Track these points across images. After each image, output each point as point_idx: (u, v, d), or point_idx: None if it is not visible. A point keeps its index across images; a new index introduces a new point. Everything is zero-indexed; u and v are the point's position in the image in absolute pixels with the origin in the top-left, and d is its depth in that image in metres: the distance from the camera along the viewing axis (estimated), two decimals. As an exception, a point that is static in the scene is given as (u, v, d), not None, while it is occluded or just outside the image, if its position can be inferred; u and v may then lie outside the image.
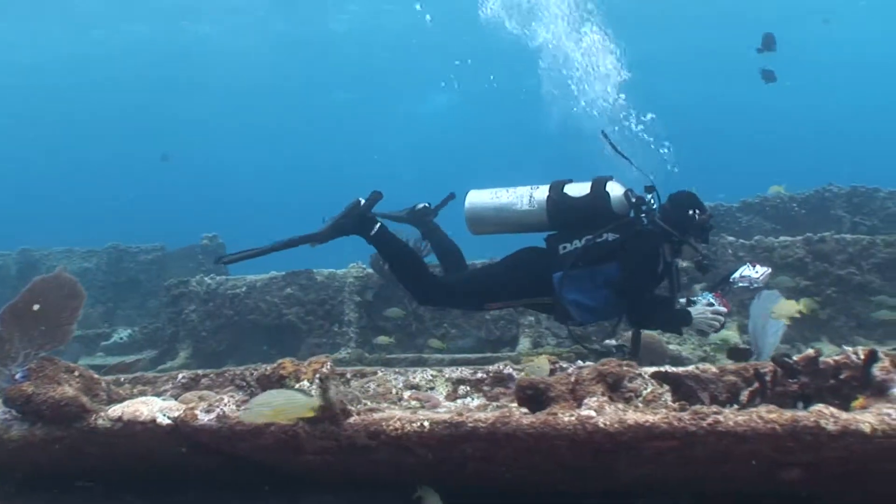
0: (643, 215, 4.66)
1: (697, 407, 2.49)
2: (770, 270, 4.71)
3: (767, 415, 2.41)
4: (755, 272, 4.65)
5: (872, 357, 2.64)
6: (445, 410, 3.22)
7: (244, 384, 3.72)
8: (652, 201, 4.70)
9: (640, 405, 2.69)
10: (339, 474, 3.06)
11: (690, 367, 3.20)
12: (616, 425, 2.48)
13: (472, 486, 3.04)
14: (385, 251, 5.12)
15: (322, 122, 46.57)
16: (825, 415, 2.38)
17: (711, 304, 4.56)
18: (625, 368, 2.90)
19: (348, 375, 3.60)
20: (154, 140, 41.79)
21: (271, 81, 38.91)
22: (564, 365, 3.45)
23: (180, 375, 3.92)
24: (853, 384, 2.72)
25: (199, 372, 3.94)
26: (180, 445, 2.98)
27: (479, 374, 3.58)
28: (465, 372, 3.61)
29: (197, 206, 48.65)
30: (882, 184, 10.58)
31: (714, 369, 3.17)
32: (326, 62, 36.64)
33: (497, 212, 4.88)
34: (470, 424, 2.60)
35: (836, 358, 2.86)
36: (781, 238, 8.40)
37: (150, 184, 50.56)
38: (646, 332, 6.22)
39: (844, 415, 2.39)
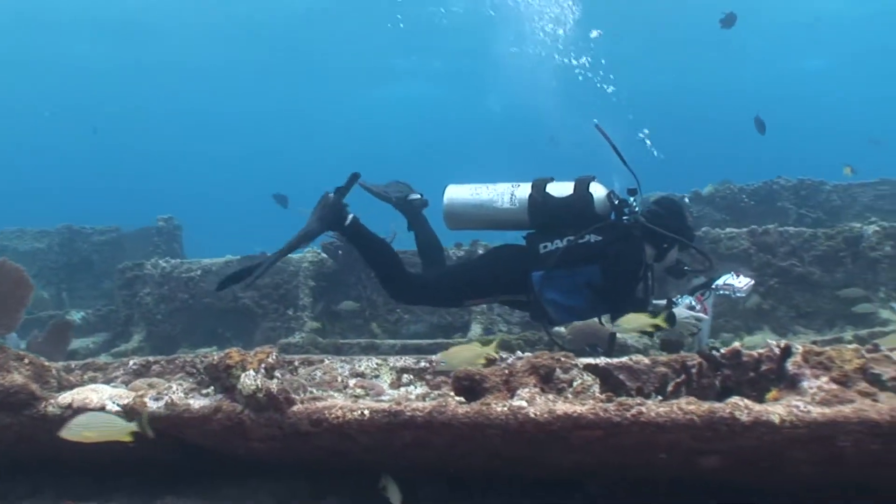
0: (625, 218, 4.70)
1: (623, 399, 2.63)
2: (753, 282, 4.74)
3: (687, 406, 2.57)
4: (738, 282, 4.67)
5: (787, 352, 2.80)
6: (388, 398, 3.35)
7: (194, 371, 3.81)
8: (634, 204, 4.74)
9: (570, 396, 2.82)
10: (284, 460, 3.17)
11: (624, 359, 3.33)
12: (546, 415, 2.61)
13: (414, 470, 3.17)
14: (358, 244, 5.05)
15: (281, 104, 46.10)
16: (740, 406, 2.54)
17: (692, 308, 4.63)
18: (557, 360, 3.04)
19: (296, 363, 3.70)
20: (111, 121, 41.23)
21: (226, 63, 38.44)
22: (504, 356, 3.57)
23: (131, 362, 3.99)
24: (770, 377, 2.89)
25: (151, 358, 4.02)
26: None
27: (423, 364, 3.70)
28: (408, 361, 3.72)
29: (152, 187, 48.04)
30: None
31: (646, 361, 3.32)
32: (284, 44, 36.32)
33: (477, 209, 4.86)
34: (408, 413, 2.72)
35: (760, 351, 3.02)
36: (728, 229, 8.63)
37: (104, 163, 49.82)
38: (590, 322, 6.34)
39: (757, 406, 2.55)
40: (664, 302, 4.78)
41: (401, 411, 2.72)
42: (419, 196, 5.46)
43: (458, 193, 4.92)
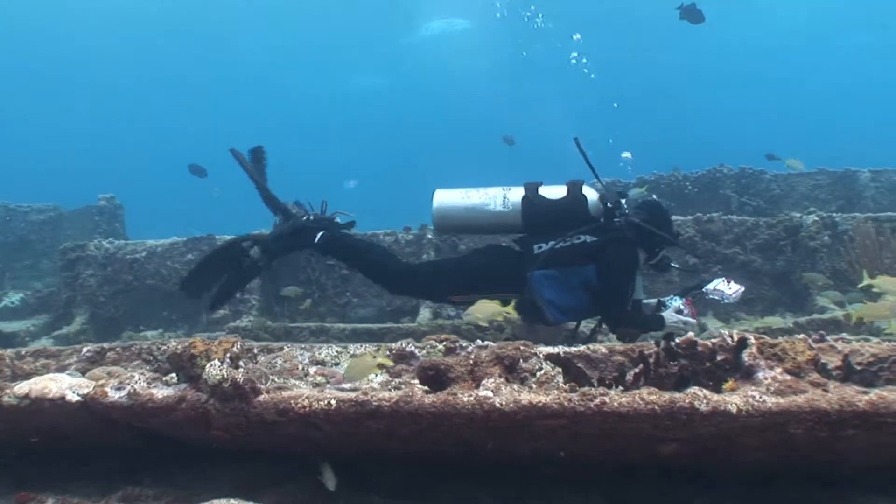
0: (616, 220, 4.76)
1: (586, 389, 2.70)
2: (743, 289, 4.82)
3: (648, 396, 2.64)
4: (729, 288, 4.75)
5: (742, 343, 2.90)
6: (350, 387, 3.37)
7: (151, 358, 3.78)
8: (625, 206, 4.80)
9: (535, 386, 2.88)
10: (247, 448, 3.17)
11: (581, 347, 3.40)
12: (511, 405, 2.67)
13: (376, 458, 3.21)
14: (339, 254, 5.04)
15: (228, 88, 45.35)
16: (699, 397, 2.62)
17: (681, 311, 4.68)
18: (521, 350, 3.09)
19: (255, 351, 3.69)
20: (47, 97, 40.12)
21: (170, 47, 37.74)
22: (464, 344, 3.62)
23: (85, 349, 3.93)
24: (726, 367, 2.98)
25: (105, 345, 3.96)
26: (91, 421, 3.04)
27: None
28: (369, 349, 3.74)
29: (92, 166, 46.78)
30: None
31: (603, 349, 3.38)
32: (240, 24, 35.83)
33: (468, 212, 4.86)
34: (375, 403, 2.75)
35: (714, 341, 3.12)
36: (673, 217, 8.78)
37: (41, 140, 48.43)
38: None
39: (715, 396, 2.64)
40: (654, 301, 4.86)
41: (367, 401, 2.75)
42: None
43: (447, 198, 4.92)
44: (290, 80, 43.66)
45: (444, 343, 3.68)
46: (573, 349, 3.37)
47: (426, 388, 2.90)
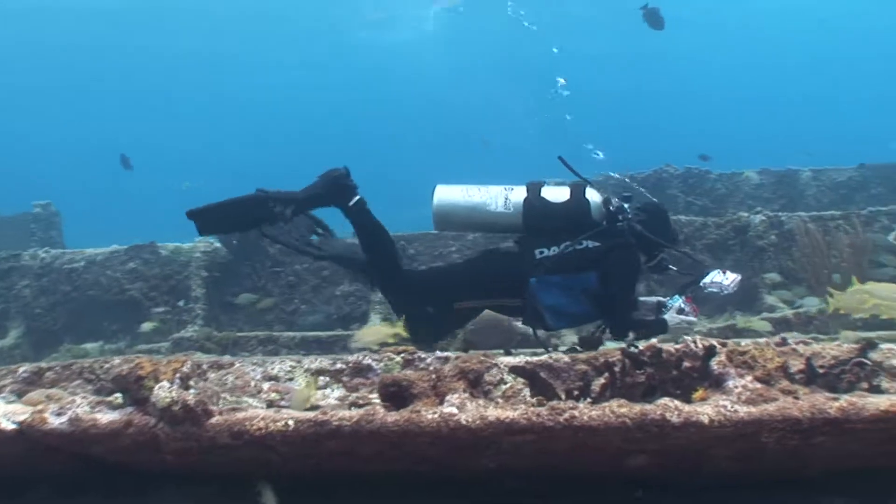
0: (619, 224, 4.65)
1: (555, 403, 2.61)
2: (740, 277, 4.76)
3: (619, 409, 2.57)
4: (726, 279, 4.67)
5: (710, 351, 2.85)
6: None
7: (94, 378, 3.59)
8: (628, 211, 4.70)
9: (501, 400, 2.79)
10: (198, 471, 3.02)
11: (543, 357, 3.31)
12: (478, 422, 2.57)
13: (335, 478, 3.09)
14: (366, 229, 4.80)
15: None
16: (670, 408, 2.56)
17: (682, 310, 4.61)
18: (483, 362, 3.00)
19: (205, 367, 3.52)
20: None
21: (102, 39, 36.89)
22: (423, 356, 3.51)
23: (21, 369, 3.72)
24: (693, 375, 2.93)
25: (43, 364, 3.75)
26: (28, 450, 2.86)
27: (339, 365, 3.59)
28: (324, 362, 3.61)
29: (26, 171, 45.37)
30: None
31: (566, 358, 3.30)
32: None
33: (469, 211, 4.73)
34: (335, 423, 2.63)
35: (678, 347, 3.07)
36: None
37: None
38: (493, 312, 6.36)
39: (687, 407, 2.58)
40: (653, 300, 4.80)
41: (327, 421, 2.62)
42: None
43: (448, 195, 4.77)
44: (223, 78, 42.94)
45: (403, 355, 3.58)
46: (535, 359, 3.29)
47: (388, 405, 2.79)
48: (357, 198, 4.73)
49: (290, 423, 2.64)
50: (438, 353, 3.50)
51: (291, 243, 4.85)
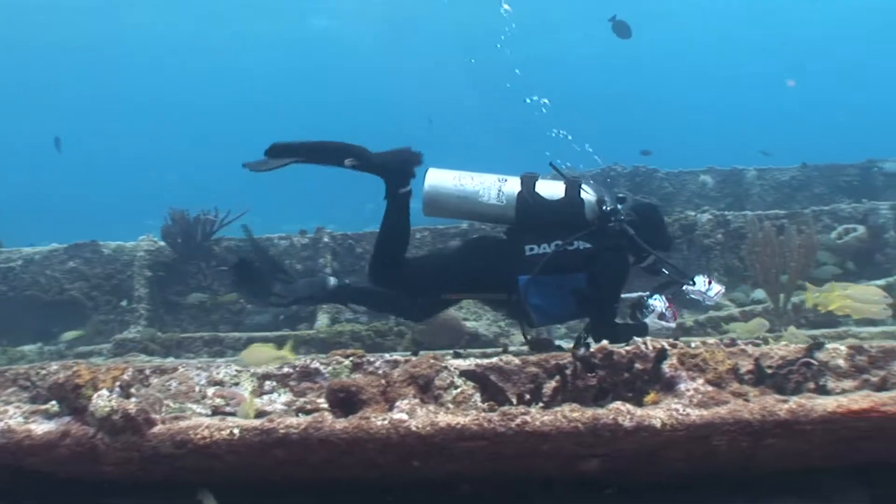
0: (610, 225, 4.62)
1: (506, 408, 2.58)
2: (723, 289, 4.78)
3: (571, 414, 2.55)
4: (711, 290, 4.66)
5: (662, 354, 2.84)
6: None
7: (29, 385, 3.45)
8: (621, 212, 4.66)
9: (451, 406, 2.75)
10: (140, 482, 2.92)
11: (494, 360, 3.28)
12: (428, 428, 2.52)
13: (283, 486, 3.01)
14: (402, 206, 4.74)
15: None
16: (622, 412, 2.55)
17: (663, 315, 4.58)
18: (433, 366, 2.95)
19: (147, 373, 3.41)
20: None
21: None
22: (371, 359, 3.45)
23: (-48, 376, 3.57)
24: (645, 377, 2.92)
25: (-24, 371, 3.61)
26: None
27: (286, 369, 3.51)
28: (270, 367, 3.53)
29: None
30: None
31: (517, 361, 3.27)
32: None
33: (460, 200, 4.66)
34: (282, 431, 2.56)
35: (629, 349, 3.05)
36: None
37: None
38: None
39: (639, 411, 2.57)
40: (635, 296, 4.77)
41: (274, 429, 2.55)
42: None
43: (440, 180, 4.69)
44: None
45: (351, 358, 3.51)
46: (486, 362, 3.26)
47: (336, 411, 2.73)
48: (408, 188, 4.68)
49: (236, 431, 2.56)
50: (387, 357, 3.44)
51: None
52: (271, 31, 37.66)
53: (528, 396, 2.94)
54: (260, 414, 3.02)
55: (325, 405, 2.91)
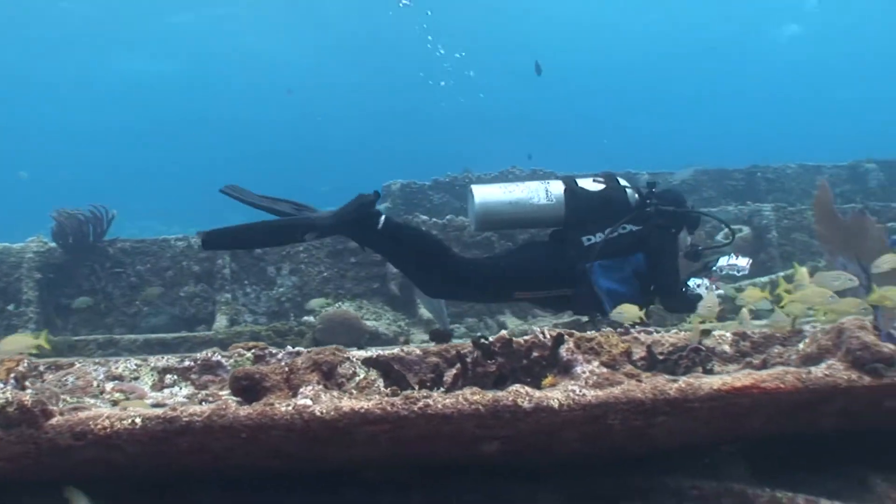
0: (648, 208, 4.90)
1: (409, 392, 2.63)
2: (751, 260, 5.04)
3: (472, 396, 2.61)
4: (741, 261, 4.95)
5: (559, 340, 2.95)
6: (153, 402, 3.13)
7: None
8: (654, 196, 4.97)
9: (355, 392, 2.78)
10: (39, 477, 2.85)
11: (395, 350, 3.34)
12: (332, 413, 2.55)
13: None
14: (406, 240, 4.85)
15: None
16: (522, 394, 2.63)
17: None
18: (336, 355, 2.99)
19: (41, 369, 3.33)
20: None
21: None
22: (274, 350, 3.47)
23: None
24: (543, 363, 3.02)
25: None
26: None
27: (187, 363, 3.48)
28: (171, 360, 3.48)
29: None
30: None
31: (418, 351, 3.34)
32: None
33: (513, 207, 4.80)
34: (185, 419, 2.54)
35: (527, 338, 3.16)
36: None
37: None
38: (341, 310, 6.39)
39: (538, 393, 2.66)
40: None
41: (177, 417, 2.53)
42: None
43: (489, 194, 4.85)
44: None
45: (253, 351, 3.51)
46: (387, 351, 3.32)
47: (240, 399, 2.73)
48: (381, 219, 4.71)
49: (138, 420, 2.53)
50: (290, 349, 3.47)
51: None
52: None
53: (429, 384, 3.00)
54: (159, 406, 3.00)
55: (228, 396, 2.91)
